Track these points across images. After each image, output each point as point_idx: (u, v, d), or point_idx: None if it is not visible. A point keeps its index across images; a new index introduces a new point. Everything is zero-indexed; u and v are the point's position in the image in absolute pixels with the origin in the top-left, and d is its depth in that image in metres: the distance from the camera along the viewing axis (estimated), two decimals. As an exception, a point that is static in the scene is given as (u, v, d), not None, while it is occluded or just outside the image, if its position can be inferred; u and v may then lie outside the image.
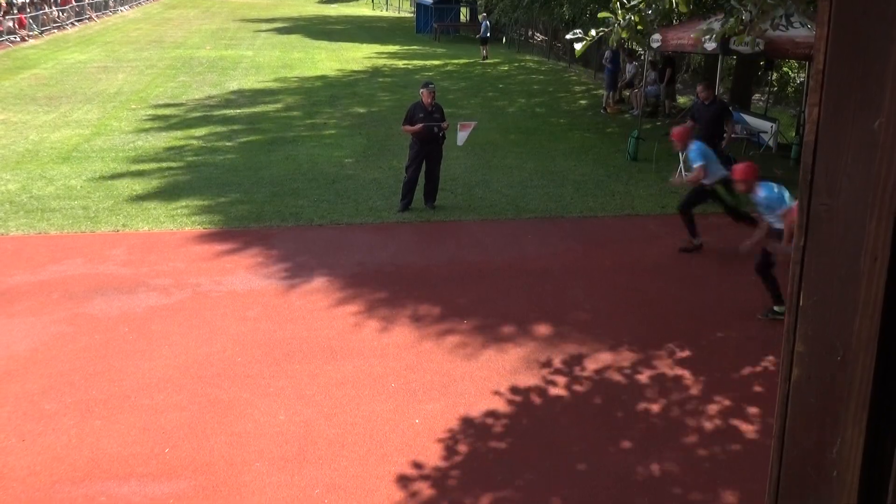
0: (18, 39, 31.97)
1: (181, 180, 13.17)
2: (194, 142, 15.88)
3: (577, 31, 7.95)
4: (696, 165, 9.85)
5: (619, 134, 17.04)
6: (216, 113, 18.65)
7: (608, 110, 19.87)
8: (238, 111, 18.84)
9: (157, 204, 11.82)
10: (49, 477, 5.62)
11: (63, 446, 5.97)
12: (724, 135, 12.14)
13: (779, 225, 7.95)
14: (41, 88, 21.70)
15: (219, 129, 17.02)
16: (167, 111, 18.83)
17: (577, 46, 7.85)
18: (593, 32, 7.82)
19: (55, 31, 35.74)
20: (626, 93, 20.73)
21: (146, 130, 16.76)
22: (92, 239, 10.39)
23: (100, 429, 6.20)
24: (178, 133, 16.56)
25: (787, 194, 8.06)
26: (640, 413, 6.58)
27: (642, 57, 19.37)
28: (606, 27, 8.05)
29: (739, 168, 8.37)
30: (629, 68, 20.65)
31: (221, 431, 6.19)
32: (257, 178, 13.21)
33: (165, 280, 9.09)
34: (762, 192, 8.03)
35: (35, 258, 9.63)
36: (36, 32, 34.06)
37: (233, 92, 21.39)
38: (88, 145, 15.37)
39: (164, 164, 14.16)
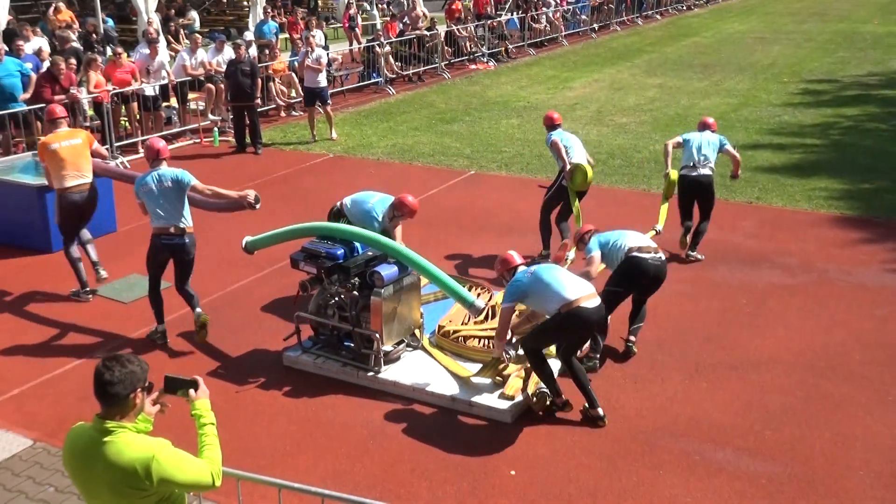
0: (684, 8, 33.71)
1: (822, 159, 12.62)
2: (843, 121, 15.05)
3: None
4: None
5: None
6: (874, 93, 17.37)
7: None
8: (899, 92, 17.32)
9: (793, 181, 11.51)
10: (652, 423, 5.93)
11: (668, 398, 6.24)
12: None
13: None
14: (698, 56, 22.59)
15: (874, 109, 15.84)
16: (819, 86, 18.13)
17: None
18: None
19: (720, 0, 36.84)
20: None
21: (794, 105, 16.38)
22: (724, 207, 10.51)
23: (704, 391, 6.34)
24: (828, 110, 15.84)
25: None
26: None
27: None
28: None
29: None
30: None
31: (826, 428, 5.85)
32: (909, 167, 12.02)
33: (791, 259, 8.84)
34: None
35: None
36: (702, 2, 35.57)
37: (896, 71, 19.72)
38: (734, 114, 15.58)
39: (807, 141, 13.70)
